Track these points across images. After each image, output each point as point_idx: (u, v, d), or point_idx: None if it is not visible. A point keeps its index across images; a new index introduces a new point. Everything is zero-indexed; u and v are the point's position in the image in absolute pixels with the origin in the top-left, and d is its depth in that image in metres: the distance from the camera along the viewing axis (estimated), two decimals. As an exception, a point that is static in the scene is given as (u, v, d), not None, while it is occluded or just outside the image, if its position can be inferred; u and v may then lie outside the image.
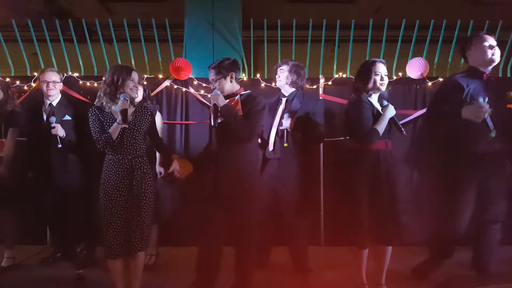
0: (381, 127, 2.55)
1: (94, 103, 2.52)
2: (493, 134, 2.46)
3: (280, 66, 3.16)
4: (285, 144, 2.96)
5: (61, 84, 3.41)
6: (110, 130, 2.41)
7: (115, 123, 2.42)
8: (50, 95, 3.31)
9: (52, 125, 3.13)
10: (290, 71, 3.10)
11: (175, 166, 2.59)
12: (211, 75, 2.65)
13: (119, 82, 2.43)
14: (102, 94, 2.47)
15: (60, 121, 3.22)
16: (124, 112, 2.38)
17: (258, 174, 2.79)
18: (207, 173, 2.63)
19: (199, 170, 2.68)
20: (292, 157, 3.01)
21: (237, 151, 2.57)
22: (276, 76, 3.19)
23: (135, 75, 2.50)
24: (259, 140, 3.03)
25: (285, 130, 2.96)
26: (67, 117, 3.29)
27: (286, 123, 2.94)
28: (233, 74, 2.64)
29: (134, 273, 2.51)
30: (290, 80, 3.11)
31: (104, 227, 2.42)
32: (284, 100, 3.13)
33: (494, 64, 2.73)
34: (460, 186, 2.69)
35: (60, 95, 3.38)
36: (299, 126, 2.99)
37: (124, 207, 2.42)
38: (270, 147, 3.06)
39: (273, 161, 3.05)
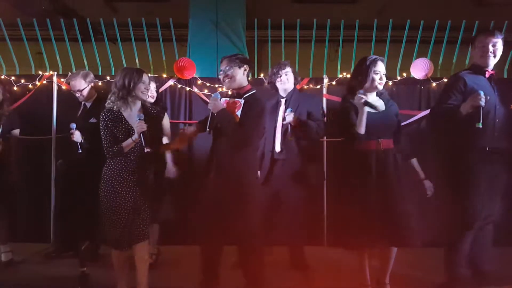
0: (361, 128, 2.42)
1: (105, 104, 2.49)
2: (479, 125, 2.44)
3: (285, 69, 3.20)
4: (290, 138, 3.01)
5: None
6: (123, 144, 2.41)
7: (130, 139, 2.41)
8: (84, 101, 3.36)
9: (71, 131, 3.10)
10: (293, 72, 3.24)
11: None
12: (224, 64, 2.56)
13: (131, 86, 2.42)
14: (114, 98, 2.45)
15: (86, 123, 3.20)
16: (144, 134, 2.37)
17: (256, 177, 2.70)
18: (205, 176, 2.58)
19: (201, 172, 2.64)
20: (298, 157, 3.07)
21: (232, 155, 2.48)
22: (282, 79, 3.19)
23: (146, 78, 2.49)
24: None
25: (289, 125, 3.01)
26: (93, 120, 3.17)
27: (289, 117, 2.98)
28: (247, 67, 2.58)
29: (139, 268, 2.51)
30: (295, 81, 3.25)
31: (108, 222, 2.44)
32: (283, 101, 3.20)
33: (490, 64, 2.71)
34: (474, 182, 2.65)
35: (95, 95, 3.39)
36: (300, 122, 3.06)
37: (130, 202, 2.43)
38: (277, 149, 3.08)
39: (280, 162, 3.09)
